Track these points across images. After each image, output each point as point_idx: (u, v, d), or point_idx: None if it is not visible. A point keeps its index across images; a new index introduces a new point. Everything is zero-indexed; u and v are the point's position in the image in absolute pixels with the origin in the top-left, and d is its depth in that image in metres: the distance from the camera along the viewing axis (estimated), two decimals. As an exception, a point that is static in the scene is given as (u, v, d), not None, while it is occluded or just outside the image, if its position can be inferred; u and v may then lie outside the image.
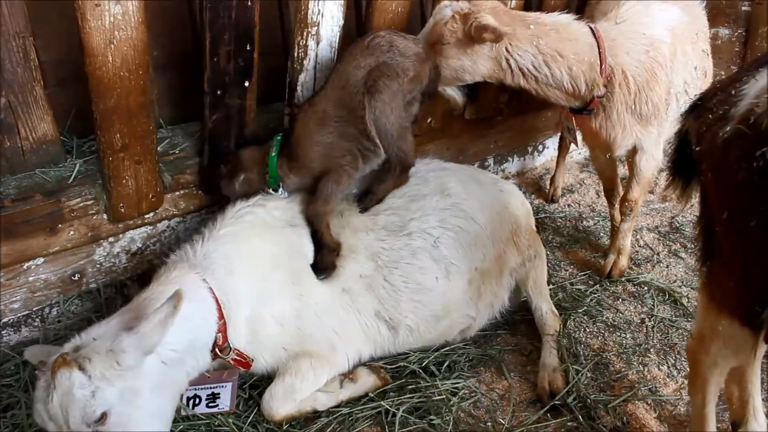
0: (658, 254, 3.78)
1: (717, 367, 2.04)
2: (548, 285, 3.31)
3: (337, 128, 2.81)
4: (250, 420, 2.63)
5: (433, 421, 2.64)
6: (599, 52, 2.95)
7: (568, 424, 2.68)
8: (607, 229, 3.88)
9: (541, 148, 4.62)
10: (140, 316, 2.30)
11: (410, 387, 2.79)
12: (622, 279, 3.54)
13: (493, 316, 3.19)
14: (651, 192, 4.16)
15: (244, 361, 2.62)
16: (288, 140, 2.88)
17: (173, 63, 3.39)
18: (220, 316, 2.51)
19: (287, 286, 2.72)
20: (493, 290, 3.12)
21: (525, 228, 3.26)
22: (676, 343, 3.10)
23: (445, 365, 2.93)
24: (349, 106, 2.79)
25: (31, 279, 2.91)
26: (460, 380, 2.85)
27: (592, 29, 2.99)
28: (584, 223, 4.07)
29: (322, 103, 2.84)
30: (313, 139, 2.82)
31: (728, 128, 1.66)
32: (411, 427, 2.62)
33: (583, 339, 3.13)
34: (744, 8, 4.48)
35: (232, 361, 2.58)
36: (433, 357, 2.94)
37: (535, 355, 3.04)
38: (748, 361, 2.14)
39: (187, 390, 2.59)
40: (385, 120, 2.75)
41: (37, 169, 2.91)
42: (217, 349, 2.51)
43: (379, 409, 2.68)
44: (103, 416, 2.10)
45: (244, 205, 2.82)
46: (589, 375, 2.90)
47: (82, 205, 2.91)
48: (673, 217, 4.06)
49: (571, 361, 2.93)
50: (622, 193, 3.58)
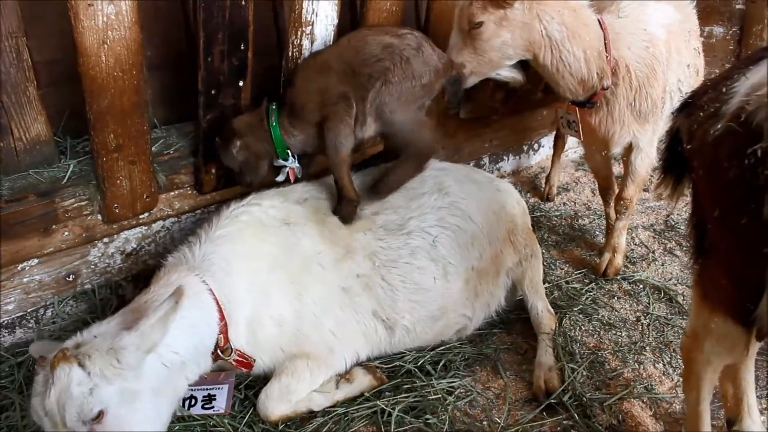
0: (653, 252, 3.78)
1: (711, 364, 2.04)
2: (544, 283, 3.31)
3: (336, 78, 2.88)
4: (245, 420, 2.62)
5: (429, 421, 2.64)
6: (605, 44, 2.96)
7: (564, 422, 2.68)
8: (603, 228, 3.88)
9: (536, 146, 4.62)
10: (141, 318, 2.29)
11: (406, 386, 2.79)
12: (618, 277, 3.55)
13: (489, 316, 3.18)
14: (646, 190, 4.17)
15: (246, 362, 2.62)
16: (285, 99, 2.94)
17: (167, 63, 3.38)
18: (221, 317, 2.51)
19: (286, 286, 2.71)
20: (490, 290, 3.12)
21: (521, 227, 3.26)
22: (672, 341, 3.10)
23: (441, 364, 2.93)
24: (355, 71, 2.87)
25: (26, 280, 2.91)
26: (455, 379, 2.85)
27: (599, 20, 3.00)
28: (580, 221, 4.08)
29: (327, 56, 2.95)
30: (311, 87, 2.89)
31: (719, 126, 1.67)
32: (407, 427, 2.62)
33: (579, 337, 3.13)
34: (738, 6, 4.48)
35: (233, 362, 2.57)
36: (429, 356, 2.94)
37: (530, 354, 3.04)
38: (741, 359, 2.14)
39: None
40: (395, 114, 2.86)
41: (31, 170, 2.90)
42: (219, 351, 2.51)
43: (375, 409, 2.68)
44: (100, 415, 2.10)
45: (239, 204, 2.82)
46: (584, 373, 2.90)
47: (77, 205, 2.90)
48: (668, 215, 4.07)
49: (566, 360, 2.93)
50: (617, 191, 3.58)
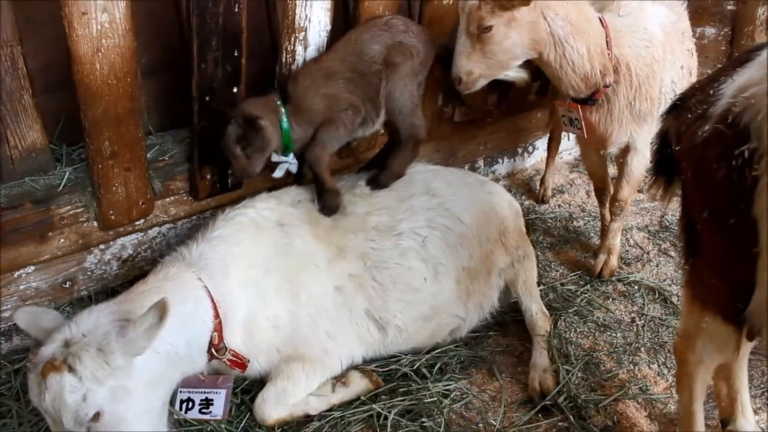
0: (648, 253, 3.79)
1: (703, 364, 2.06)
2: (539, 285, 3.33)
3: (343, 85, 2.97)
4: (242, 425, 2.63)
5: (425, 424, 2.65)
6: (607, 42, 2.98)
7: (559, 424, 2.70)
8: (598, 229, 3.90)
9: (531, 149, 4.64)
10: (135, 310, 2.33)
11: (402, 390, 2.80)
12: (613, 278, 3.56)
13: (483, 317, 3.20)
14: (640, 191, 4.18)
15: (241, 362, 2.62)
16: (288, 97, 2.96)
17: (162, 70, 3.39)
18: (216, 315, 2.53)
19: (281, 286, 2.74)
20: (482, 290, 3.13)
21: (513, 229, 3.27)
22: (666, 342, 3.11)
23: (437, 367, 2.94)
24: (362, 73, 2.98)
25: (22, 287, 2.92)
26: (451, 382, 2.86)
27: (600, 18, 3.02)
28: (575, 223, 4.09)
29: (331, 62, 3.00)
30: (320, 91, 2.95)
31: (707, 127, 1.69)
32: (403, 430, 2.63)
33: (574, 339, 3.14)
34: (729, 7, 4.50)
35: (227, 362, 2.58)
36: (425, 359, 2.95)
37: (526, 356, 3.05)
38: (733, 358, 2.16)
39: (180, 392, 2.60)
40: (399, 96, 3.00)
41: (27, 178, 2.92)
42: (213, 349, 2.52)
43: (371, 413, 2.69)
44: (96, 415, 2.13)
45: (234, 208, 2.84)
46: (579, 375, 2.91)
47: (72, 212, 2.91)
48: (663, 216, 4.08)
49: (561, 362, 2.94)
50: (612, 192, 3.60)
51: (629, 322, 3.27)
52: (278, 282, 2.73)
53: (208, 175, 3.14)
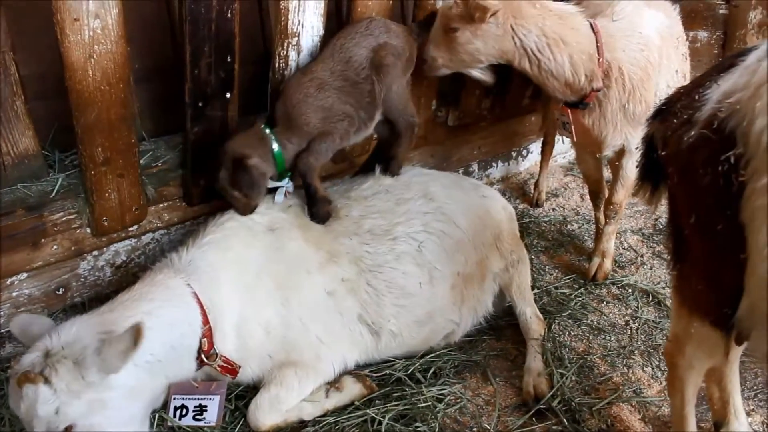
0: (642, 256, 3.80)
1: (693, 368, 2.06)
2: (533, 289, 3.33)
3: (337, 95, 2.95)
4: (236, 431, 2.63)
5: (419, 428, 2.65)
6: (597, 47, 2.99)
7: (554, 428, 2.70)
8: (592, 233, 3.91)
9: (525, 153, 4.65)
10: (118, 320, 2.33)
11: (396, 394, 2.80)
12: (607, 282, 3.56)
13: (478, 321, 3.20)
14: (634, 194, 4.19)
15: (231, 368, 2.61)
16: (275, 114, 2.93)
17: (155, 76, 3.40)
18: (205, 321, 2.53)
19: (272, 291, 2.73)
20: (476, 295, 3.13)
21: (507, 233, 3.27)
22: (660, 345, 3.12)
23: (431, 372, 2.94)
24: (353, 80, 2.97)
25: (15, 294, 2.91)
26: (445, 386, 2.86)
27: (591, 24, 3.04)
28: (569, 226, 4.10)
29: (320, 72, 2.96)
30: (314, 103, 2.92)
31: (693, 133, 1.69)
32: (397, 435, 2.63)
33: (568, 342, 3.15)
34: (721, 11, 4.53)
35: (218, 368, 2.58)
36: (419, 364, 2.95)
37: (520, 360, 3.06)
38: (722, 362, 2.16)
39: (174, 399, 2.59)
40: (394, 96, 3.06)
41: (19, 184, 2.91)
42: (203, 356, 2.52)
43: (365, 418, 2.68)
44: (68, 428, 2.14)
45: (225, 212, 2.84)
46: (573, 378, 2.91)
47: (65, 219, 2.91)
48: (657, 219, 4.09)
49: (555, 365, 2.94)
50: (606, 196, 3.61)
51: (623, 325, 3.27)
52: (270, 287, 2.73)
53: (202, 181, 3.14)
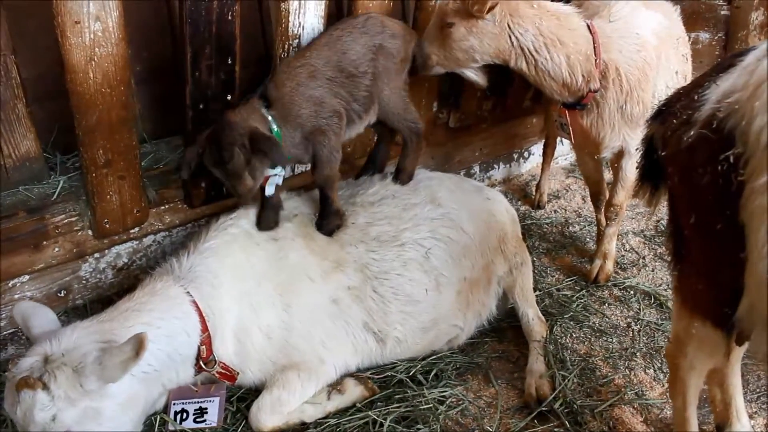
0: (644, 258, 3.79)
1: (695, 369, 2.06)
2: (535, 291, 3.32)
3: (328, 86, 2.87)
4: (238, 433, 2.64)
5: (421, 430, 2.65)
6: (594, 47, 2.99)
7: (555, 430, 2.69)
8: (593, 234, 3.90)
9: (526, 154, 4.64)
10: (118, 329, 2.33)
11: (397, 396, 2.79)
12: (609, 284, 3.55)
13: (481, 324, 3.19)
14: (634, 196, 4.18)
15: (230, 375, 2.62)
16: (270, 99, 2.81)
17: (156, 78, 3.41)
18: (204, 329, 2.52)
19: (274, 298, 2.72)
20: (481, 299, 3.13)
21: (511, 235, 3.27)
22: (662, 347, 3.10)
23: (432, 374, 2.93)
24: (349, 72, 2.90)
25: (17, 297, 2.91)
26: (447, 388, 2.86)
27: (587, 25, 3.03)
28: (570, 228, 4.09)
29: (314, 59, 2.87)
30: (305, 92, 2.82)
31: (692, 133, 1.69)
32: (398, 437, 2.63)
33: (570, 344, 3.14)
34: (723, 12, 4.52)
35: (216, 374, 2.58)
36: (420, 366, 2.95)
37: (522, 362, 3.05)
38: (724, 363, 2.16)
39: (174, 404, 2.60)
40: (389, 98, 3.01)
41: (21, 187, 2.93)
42: (202, 362, 2.52)
43: (367, 420, 2.68)
44: None
45: (228, 217, 2.83)
46: (575, 380, 2.91)
47: (67, 221, 2.91)
48: (659, 221, 4.08)
49: (557, 367, 2.94)
50: (607, 197, 3.60)
51: (625, 327, 3.26)
52: (271, 293, 2.72)
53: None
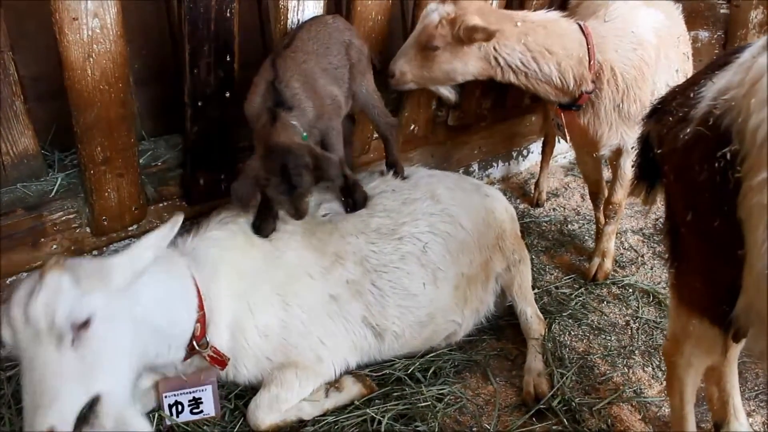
0: (643, 256, 3.79)
1: (692, 367, 2.05)
2: (533, 289, 3.32)
3: (325, 77, 2.87)
4: (236, 430, 2.63)
5: (419, 428, 2.64)
6: (588, 49, 2.99)
7: (554, 428, 2.69)
8: (592, 233, 3.90)
9: (525, 152, 4.64)
10: None
11: (396, 394, 2.79)
12: (607, 282, 3.56)
13: (479, 322, 3.19)
14: (631, 194, 4.18)
15: (221, 359, 2.58)
16: (282, 97, 2.70)
17: (155, 75, 3.40)
18: (200, 307, 2.51)
19: (271, 296, 2.72)
20: (479, 296, 3.13)
21: (510, 233, 3.27)
22: (661, 345, 3.10)
23: (431, 371, 2.93)
24: (335, 65, 2.92)
25: (15, 294, 2.90)
26: (445, 386, 2.86)
27: (580, 26, 3.03)
28: (569, 226, 4.09)
29: (303, 55, 2.82)
30: (311, 87, 2.77)
31: (688, 130, 1.70)
32: (396, 435, 2.63)
33: (568, 342, 3.14)
34: (722, 11, 4.52)
35: (208, 358, 2.55)
36: (419, 363, 2.95)
37: (520, 360, 3.05)
38: (721, 361, 2.16)
39: (166, 397, 2.58)
40: (366, 92, 3.04)
41: (19, 184, 2.92)
42: (195, 342, 2.49)
43: (365, 417, 2.68)
44: (87, 323, 2.06)
45: (228, 214, 2.83)
46: (573, 378, 2.91)
47: (65, 219, 2.91)
48: (657, 219, 4.08)
49: (556, 365, 2.94)
50: (606, 195, 3.60)
51: (623, 325, 3.26)
52: (268, 293, 2.72)
53: (201, 180, 3.14)
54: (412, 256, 2.93)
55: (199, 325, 2.49)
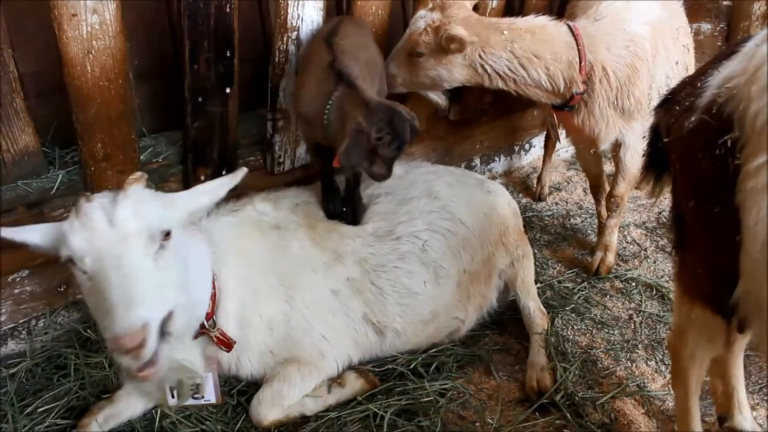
0: (646, 250, 3.78)
1: (696, 358, 2.05)
2: (536, 283, 3.31)
3: (365, 68, 2.81)
4: (238, 427, 2.62)
5: (422, 423, 2.64)
6: (578, 50, 2.97)
7: (557, 422, 2.67)
8: (595, 227, 3.89)
9: (527, 147, 4.63)
10: None
11: (398, 389, 2.78)
12: (610, 275, 3.54)
13: (482, 317, 3.18)
14: (637, 188, 4.17)
15: (227, 342, 2.55)
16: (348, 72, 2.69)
17: (155, 71, 3.40)
18: (213, 285, 2.51)
19: (276, 288, 2.72)
20: (482, 292, 3.12)
21: (513, 228, 3.25)
22: (664, 338, 3.09)
23: (433, 366, 2.93)
24: (371, 61, 2.91)
25: (17, 291, 2.90)
26: (448, 381, 2.84)
27: (570, 27, 3.01)
28: (572, 220, 4.08)
29: (354, 42, 2.87)
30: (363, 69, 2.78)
31: (693, 118, 1.70)
32: (399, 430, 2.61)
33: (571, 336, 3.13)
34: (725, 3, 4.51)
35: (215, 339, 2.51)
36: (421, 359, 2.94)
37: (523, 354, 3.04)
38: (725, 352, 2.15)
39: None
40: (381, 90, 2.95)
41: (20, 181, 2.92)
42: (204, 321, 2.47)
43: (368, 413, 2.67)
44: (168, 234, 2.08)
45: (236, 202, 2.86)
46: (577, 373, 2.89)
47: (66, 215, 2.84)
48: (660, 213, 4.07)
49: (558, 359, 2.93)
50: (608, 189, 3.59)
51: (627, 319, 3.25)
52: (273, 283, 2.72)
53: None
54: (412, 254, 2.92)
55: (210, 302, 2.49)
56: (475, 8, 3.18)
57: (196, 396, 2.55)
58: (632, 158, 3.30)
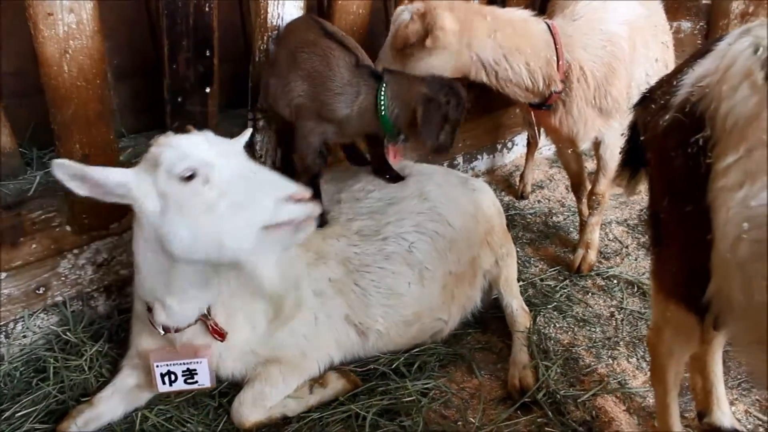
0: (627, 247, 3.80)
1: (673, 355, 2.06)
2: (518, 282, 3.32)
3: None
4: (220, 428, 2.61)
5: (404, 423, 2.63)
6: (556, 48, 2.97)
7: (538, 420, 2.68)
8: (577, 224, 3.90)
9: (510, 145, 4.64)
10: None
11: (380, 389, 2.78)
12: (592, 273, 3.56)
13: (465, 317, 3.19)
14: (619, 185, 4.19)
15: (220, 332, 2.53)
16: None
17: (136, 71, 3.37)
18: None
19: None
20: (467, 293, 3.12)
21: (497, 227, 3.25)
22: (645, 335, 3.11)
23: (416, 366, 2.92)
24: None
25: (-6, 294, 2.88)
26: (430, 380, 2.84)
27: (549, 26, 3.02)
28: (554, 218, 4.09)
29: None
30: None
31: (667, 117, 1.72)
32: (381, 430, 2.61)
33: (553, 334, 3.14)
34: (704, 1, 4.55)
35: (210, 327, 2.50)
36: (403, 358, 2.93)
37: (505, 353, 3.05)
38: (703, 349, 2.17)
39: (157, 366, 2.53)
40: None
41: (-4, 183, 2.88)
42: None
43: (349, 413, 2.67)
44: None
45: None
46: (558, 370, 2.90)
47: (44, 217, 2.87)
48: (642, 210, 4.09)
49: (540, 358, 2.94)
50: (589, 187, 3.61)
51: (608, 317, 3.27)
52: None
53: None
54: (398, 255, 2.91)
55: None
56: None
57: (189, 381, 2.54)
58: (612, 156, 3.31)
